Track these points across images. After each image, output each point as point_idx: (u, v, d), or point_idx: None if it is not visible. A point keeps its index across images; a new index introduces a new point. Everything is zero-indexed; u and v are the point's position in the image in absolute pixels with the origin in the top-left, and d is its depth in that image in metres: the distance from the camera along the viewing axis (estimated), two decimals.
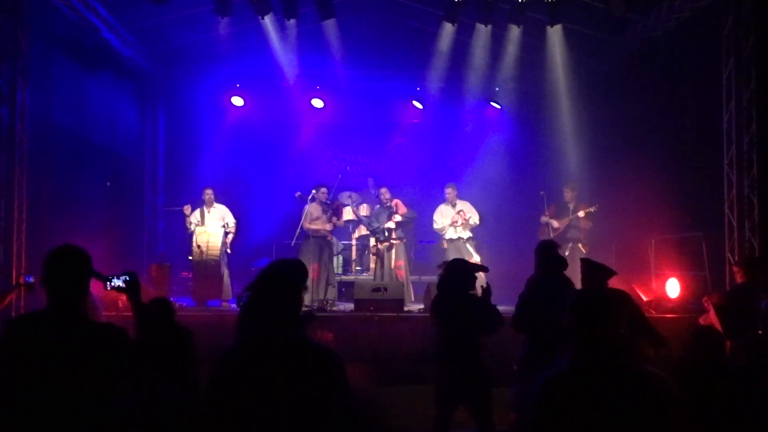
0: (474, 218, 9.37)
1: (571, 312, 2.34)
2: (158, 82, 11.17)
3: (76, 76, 8.54)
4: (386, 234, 9.16)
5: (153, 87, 11.13)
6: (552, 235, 9.28)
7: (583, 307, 2.35)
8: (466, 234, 9.38)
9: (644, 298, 7.78)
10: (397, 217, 9.12)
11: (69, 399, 2.40)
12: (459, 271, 4.48)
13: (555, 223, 9.32)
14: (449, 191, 9.50)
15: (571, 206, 9.36)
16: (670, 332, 4.64)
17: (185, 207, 9.04)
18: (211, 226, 8.97)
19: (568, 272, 4.72)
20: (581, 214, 9.17)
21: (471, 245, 9.35)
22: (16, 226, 7.43)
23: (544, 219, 9.51)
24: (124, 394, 2.59)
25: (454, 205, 9.45)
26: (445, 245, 9.46)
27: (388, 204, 9.24)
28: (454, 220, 9.37)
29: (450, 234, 9.42)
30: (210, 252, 8.69)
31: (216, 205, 9.17)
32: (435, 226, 9.56)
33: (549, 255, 4.56)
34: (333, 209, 9.04)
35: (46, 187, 8.15)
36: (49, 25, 8.04)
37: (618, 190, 9.85)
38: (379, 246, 9.28)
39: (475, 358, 4.27)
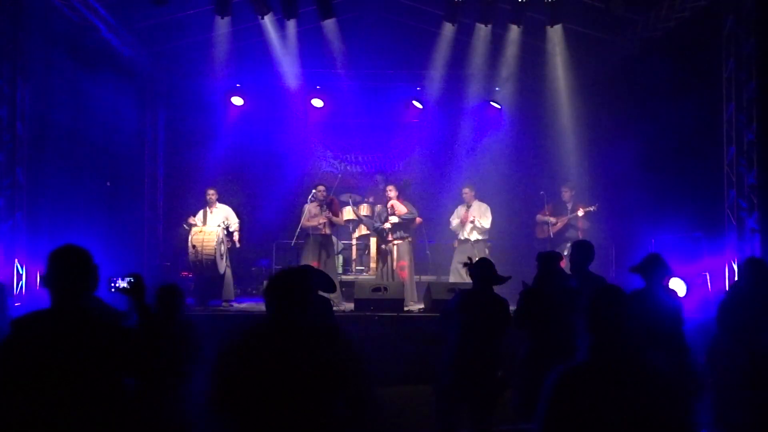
0: (483, 222, 9.33)
1: (590, 308, 2.36)
2: (158, 82, 11.17)
3: (76, 76, 8.54)
4: (384, 234, 9.11)
5: (153, 87, 11.12)
6: (552, 233, 9.29)
7: (602, 304, 2.37)
8: (474, 236, 9.37)
9: None
10: (393, 219, 9.03)
11: (72, 397, 2.41)
12: (488, 273, 4.44)
13: (552, 219, 9.32)
14: (465, 191, 9.53)
15: (569, 206, 9.37)
16: None
17: (191, 219, 8.97)
18: (210, 226, 8.97)
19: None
20: (580, 213, 9.16)
21: (478, 248, 9.33)
22: (16, 226, 7.43)
23: (540, 218, 9.52)
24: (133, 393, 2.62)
25: (469, 206, 9.46)
26: (456, 245, 9.56)
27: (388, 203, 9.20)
28: (462, 220, 9.40)
29: (460, 235, 9.48)
30: (205, 252, 8.67)
31: (219, 205, 9.17)
32: (450, 226, 9.66)
33: (548, 269, 4.55)
34: (327, 203, 9.02)
35: (46, 187, 8.15)
36: (49, 25, 8.04)
37: (618, 189, 9.86)
38: (382, 246, 9.25)
39: (495, 361, 4.23)
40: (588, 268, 4.95)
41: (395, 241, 9.08)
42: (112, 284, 2.83)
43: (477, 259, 4.62)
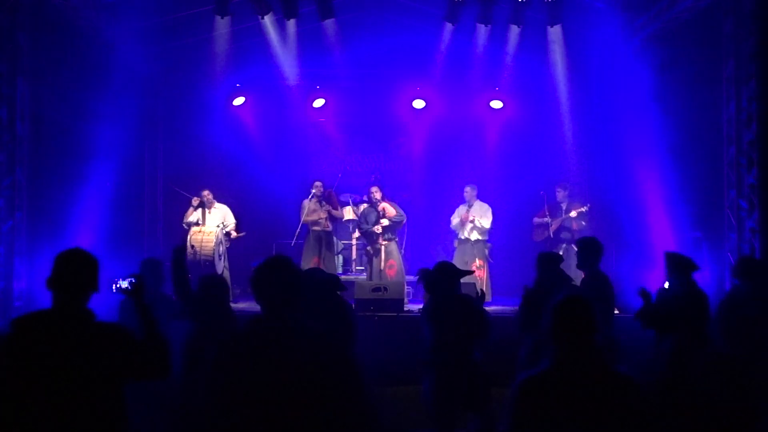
0: (483, 222, 9.32)
1: (551, 315, 2.38)
2: (158, 82, 11.16)
3: (76, 75, 8.54)
4: (374, 237, 9.09)
5: (153, 87, 11.12)
6: (552, 235, 9.27)
7: (562, 311, 2.37)
8: (474, 236, 9.35)
9: None
10: (385, 221, 9.04)
11: (71, 398, 2.41)
12: (446, 276, 4.45)
13: (546, 220, 9.29)
14: (467, 190, 9.53)
15: (563, 206, 9.33)
16: None
17: (194, 198, 8.99)
18: (209, 226, 8.97)
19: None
20: (573, 214, 9.13)
21: (478, 248, 9.32)
22: (16, 226, 7.43)
23: (537, 220, 9.50)
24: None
25: (470, 206, 9.45)
26: (455, 245, 9.55)
27: (377, 204, 9.17)
28: (463, 219, 9.40)
29: (460, 235, 9.47)
30: (203, 252, 8.67)
31: (217, 205, 9.18)
32: (451, 225, 9.64)
33: (548, 271, 4.56)
34: (324, 197, 9.03)
35: (46, 187, 8.15)
36: (49, 25, 8.03)
37: (617, 190, 9.86)
38: (368, 248, 9.22)
39: (472, 361, 4.24)
40: (598, 265, 4.92)
41: (383, 242, 9.08)
42: (114, 285, 2.86)
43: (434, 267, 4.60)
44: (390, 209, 9.06)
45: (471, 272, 4.93)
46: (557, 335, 2.36)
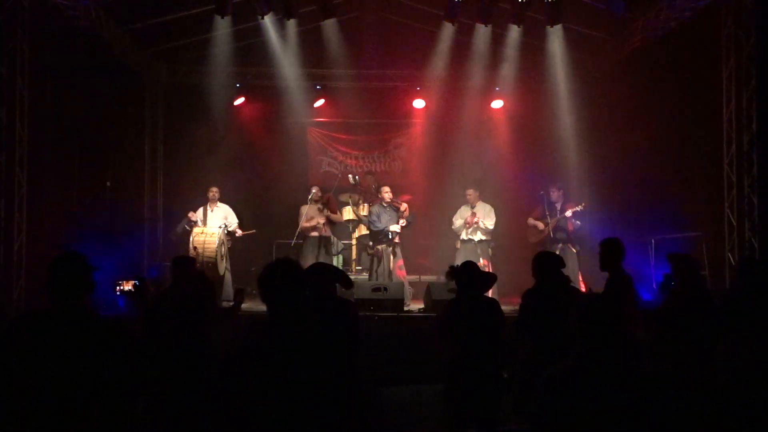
0: (487, 222, 9.30)
1: (577, 315, 2.37)
2: (158, 82, 11.17)
3: (76, 75, 8.54)
4: (390, 236, 9.05)
5: (153, 87, 11.12)
6: (550, 233, 9.23)
7: (588, 311, 2.37)
8: (478, 237, 9.34)
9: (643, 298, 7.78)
10: (403, 221, 9.05)
11: (72, 396, 2.41)
12: (474, 274, 4.39)
13: (540, 225, 9.25)
14: (469, 192, 9.48)
15: (558, 206, 9.25)
16: None
17: (190, 214, 8.97)
18: (210, 227, 8.96)
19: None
20: (568, 214, 9.06)
21: (481, 249, 9.31)
22: (16, 226, 7.43)
23: (531, 221, 9.46)
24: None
25: (473, 207, 9.43)
26: (458, 246, 9.53)
27: (392, 204, 9.12)
28: (467, 222, 9.38)
29: (463, 235, 9.45)
30: (206, 253, 8.65)
31: (220, 204, 9.18)
32: (452, 226, 9.61)
33: (547, 272, 4.52)
34: (323, 202, 9.04)
35: (46, 187, 8.15)
36: (49, 24, 8.04)
37: (618, 189, 9.86)
38: (378, 247, 9.17)
39: (497, 362, 4.22)
40: (621, 266, 4.88)
41: (397, 241, 9.10)
42: (117, 287, 2.87)
43: (458, 265, 4.56)
44: (407, 210, 9.09)
45: (494, 277, 4.84)
46: (582, 335, 2.36)
